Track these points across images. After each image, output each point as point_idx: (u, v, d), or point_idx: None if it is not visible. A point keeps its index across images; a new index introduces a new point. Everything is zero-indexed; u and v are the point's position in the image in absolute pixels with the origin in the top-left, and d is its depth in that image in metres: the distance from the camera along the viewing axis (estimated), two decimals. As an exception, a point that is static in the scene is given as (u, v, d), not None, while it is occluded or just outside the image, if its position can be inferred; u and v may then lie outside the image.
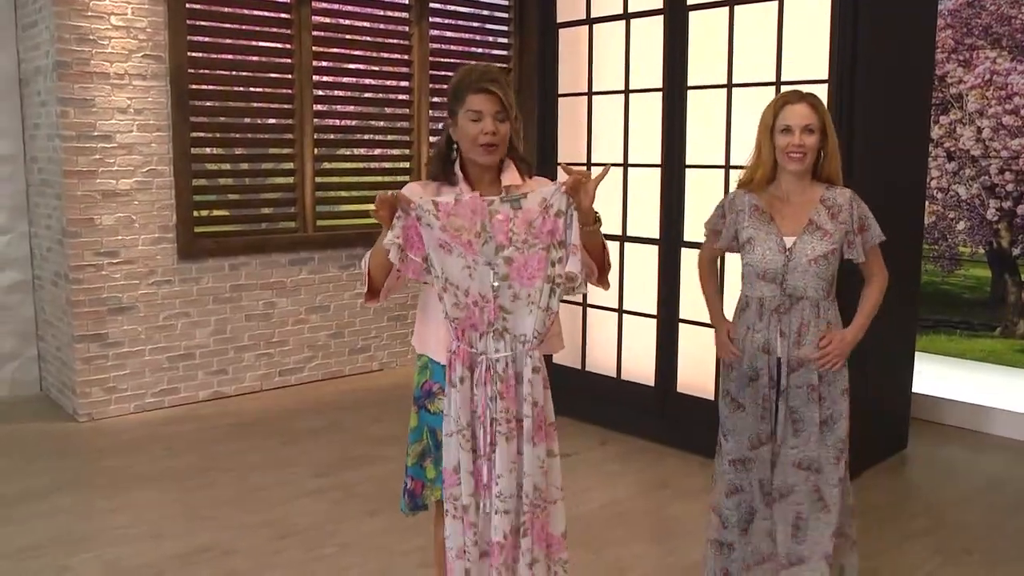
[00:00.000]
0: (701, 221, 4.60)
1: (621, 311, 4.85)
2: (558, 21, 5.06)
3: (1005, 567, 3.37)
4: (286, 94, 5.63)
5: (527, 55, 6.58)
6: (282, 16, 5.55)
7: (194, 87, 5.22)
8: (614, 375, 4.91)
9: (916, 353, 4.77)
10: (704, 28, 4.40)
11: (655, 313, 4.69)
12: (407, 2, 6.11)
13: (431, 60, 6.23)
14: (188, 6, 5.13)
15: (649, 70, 4.64)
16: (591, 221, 2.21)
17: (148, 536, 3.58)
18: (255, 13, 5.44)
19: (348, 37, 5.89)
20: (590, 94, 4.96)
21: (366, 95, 6.05)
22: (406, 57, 6.15)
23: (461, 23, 6.46)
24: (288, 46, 5.61)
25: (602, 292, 2.49)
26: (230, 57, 5.38)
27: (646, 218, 4.71)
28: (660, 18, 4.54)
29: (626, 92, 4.77)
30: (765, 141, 2.67)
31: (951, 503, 3.99)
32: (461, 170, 2.34)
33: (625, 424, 4.81)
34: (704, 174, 4.45)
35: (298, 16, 5.58)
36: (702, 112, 4.44)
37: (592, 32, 4.91)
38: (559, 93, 5.09)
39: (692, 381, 4.57)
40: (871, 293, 2.76)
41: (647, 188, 4.69)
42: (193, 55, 5.19)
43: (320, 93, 5.78)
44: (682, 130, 4.51)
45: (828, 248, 2.63)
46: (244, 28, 5.41)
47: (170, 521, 3.72)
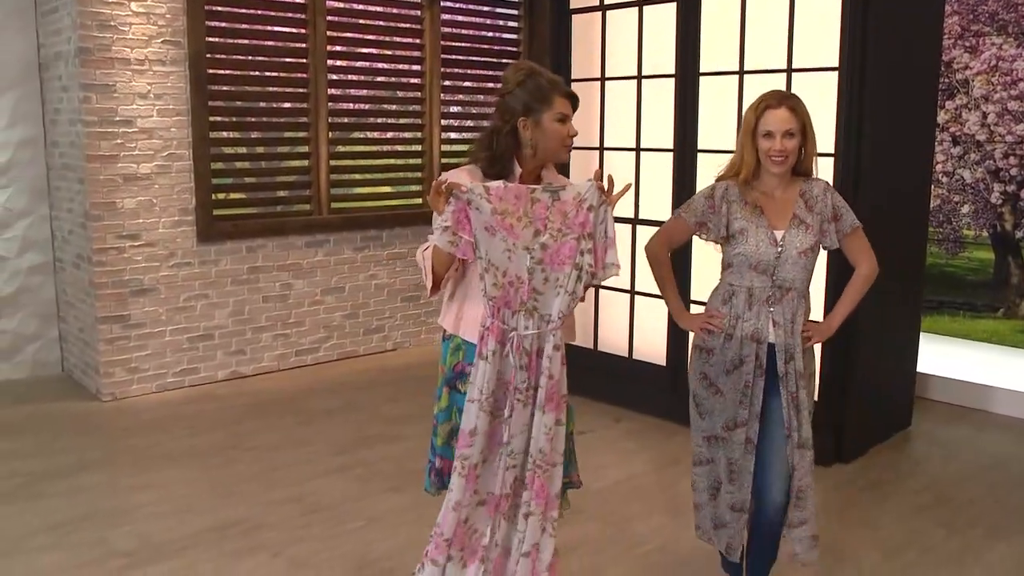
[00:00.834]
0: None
1: (633, 292, 4.96)
2: (572, 7, 5.13)
3: (1008, 539, 3.50)
4: (301, 79, 5.71)
5: (537, 40, 6.65)
6: (297, 2, 5.62)
7: (212, 72, 5.30)
8: (626, 355, 5.02)
9: (920, 333, 4.88)
10: (716, 15, 4.48)
11: (666, 295, 4.80)
12: (419, -13, 6.19)
13: (443, 44, 6.30)
14: (206, -8, 5.21)
15: (662, 57, 4.73)
16: None
17: (179, 511, 3.70)
18: (271, -1, 5.52)
19: (361, 22, 5.96)
20: (603, 80, 5.04)
21: (379, 79, 6.13)
22: (418, 41, 6.23)
23: (472, 7, 6.52)
24: (303, 31, 5.68)
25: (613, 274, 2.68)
26: (246, 42, 5.46)
27: (658, 201, 4.81)
28: (673, 5, 4.62)
29: (639, 78, 4.85)
30: (747, 143, 2.74)
31: (955, 479, 4.11)
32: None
33: (638, 402, 4.93)
34: (716, 159, 4.53)
35: (312, 2, 5.65)
36: (714, 98, 4.54)
37: (605, 18, 4.98)
38: (572, 79, 5.17)
39: (703, 361, 4.68)
40: (855, 281, 2.86)
41: (659, 172, 4.79)
42: (211, 40, 5.27)
43: (334, 77, 5.86)
44: (694, 115, 4.60)
45: (813, 241, 2.75)
46: (260, 14, 5.48)
47: (198, 497, 3.85)
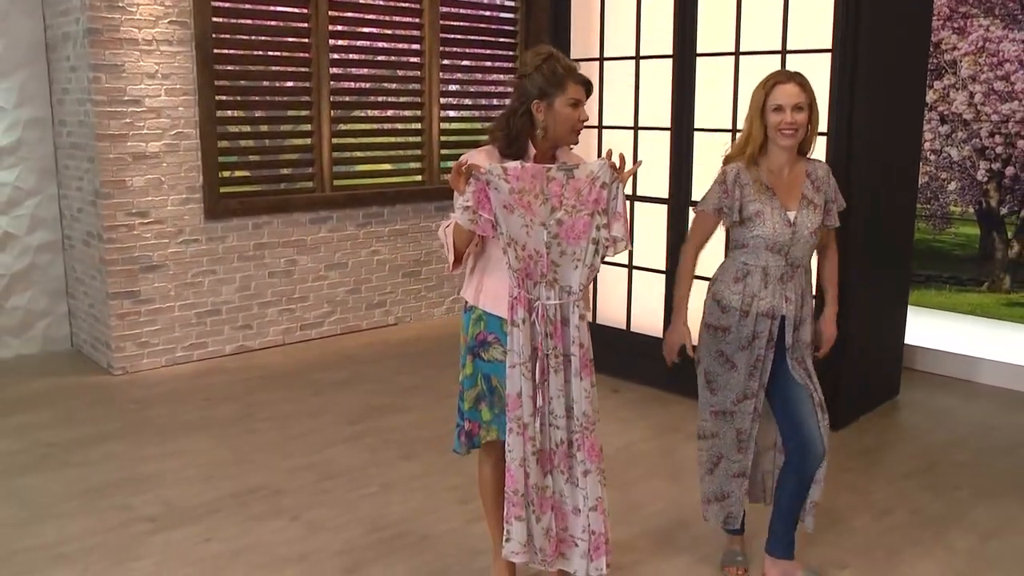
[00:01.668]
0: (708, 182, 4.87)
1: (631, 267, 5.12)
2: (571, -12, 5.25)
3: (990, 500, 3.69)
4: (303, 58, 5.81)
5: (533, 21, 6.75)
6: (300, -19, 5.71)
7: (218, 52, 5.39)
8: (624, 327, 5.19)
9: (908, 306, 5.06)
10: (714, -2, 4.61)
11: (664, 269, 4.96)
12: (419, -34, 6.27)
13: (441, 24, 6.39)
14: (211, -27, 5.29)
15: (659, 37, 4.86)
16: None
17: (200, 479, 3.86)
18: (274, -21, 5.60)
19: (362, 2, 6.05)
20: (601, 60, 5.17)
21: (379, 58, 6.23)
22: (417, 21, 6.32)
23: (470, -13, 6.62)
24: (305, 11, 5.77)
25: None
26: (250, 23, 5.55)
27: (656, 179, 4.95)
28: (671, -13, 4.74)
29: (637, 58, 4.98)
30: (756, 120, 2.85)
31: (941, 446, 4.30)
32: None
33: (635, 374, 5.09)
34: (712, 137, 4.69)
35: (315, -19, 5.74)
36: (711, 78, 4.67)
37: None
38: (571, 59, 5.28)
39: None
40: (833, 271, 3.09)
41: (657, 150, 4.93)
42: (217, 21, 5.36)
43: (336, 57, 5.96)
44: (691, 95, 4.74)
45: (819, 220, 2.90)
46: (264, -6, 5.57)
47: (218, 465, 4.00)
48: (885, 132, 4.42)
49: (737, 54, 4.54)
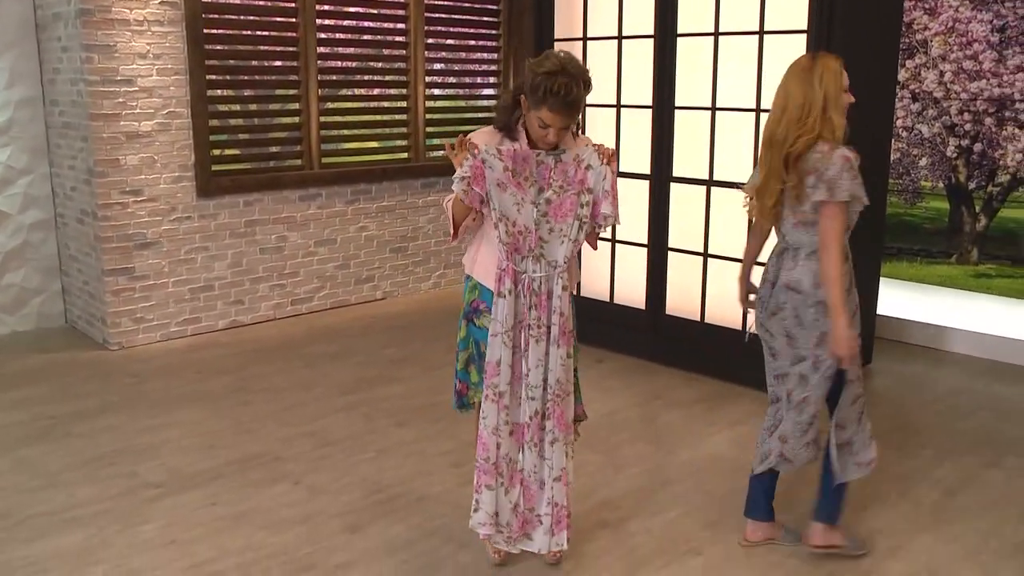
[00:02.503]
0: (689, 158, 5.04)
1: (614, 241, 5.28)
2: (554, -31, 5.37)
3: (954, 459, 3.91)
4: (291, 38, 5.90)
5: (517, 1, 6.86)
6: (287, -38, 5.79)
7: (208, 32, 5.48)
8: (607, 299, 5.36)
9: (880, 278, 5.26)
10: (693, -21, 4.75)
11: (646, 242, 5.13)
12: (403, -54, 6.36)
13: (426, 4, 6.49)
14: (200, -47, 5.37)
15: (641, 18, 4.99)
16: None
17: (202, 447, 4.00)
18: (262, -41, 5.68)
19: (348, -19, 6.14)
20: (584, 39, 5.30)
21: (365, 38, 6.33)
22: (403, 0, 6.42)
23: (454, -34, 6.71)
24: (292, -9, 5.86)
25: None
26: (239, 3, 5.63)
27: (637, 155, 5.11)
28: (652, -31, 4.88)
29: (619, 38, 5.12)
30: (840, 106, 2.87)
31: (910, 410, 4.51)
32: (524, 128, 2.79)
33: (618, 344, 5.27)
34: (692, 115, 4.85)
35: (302, -38, 5.82)
36: (691, 57, 4.82)
37: (587, -20, 5.24)
38: (555, 38, 5.42)
39: (680, 304, 5.04)
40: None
41: (638, 128, 5.09)
42: (206, 1, 5.44)
43: (323, 36, 6.05)
44: (672, 74, 4.89)
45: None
46: (252, -26, 5.65)
47: (218, 434, 4.15)
48: (859, 109, 4.55)
49: (716, 34, 4.68)
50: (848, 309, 2.84)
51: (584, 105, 2.75)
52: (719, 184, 4.78)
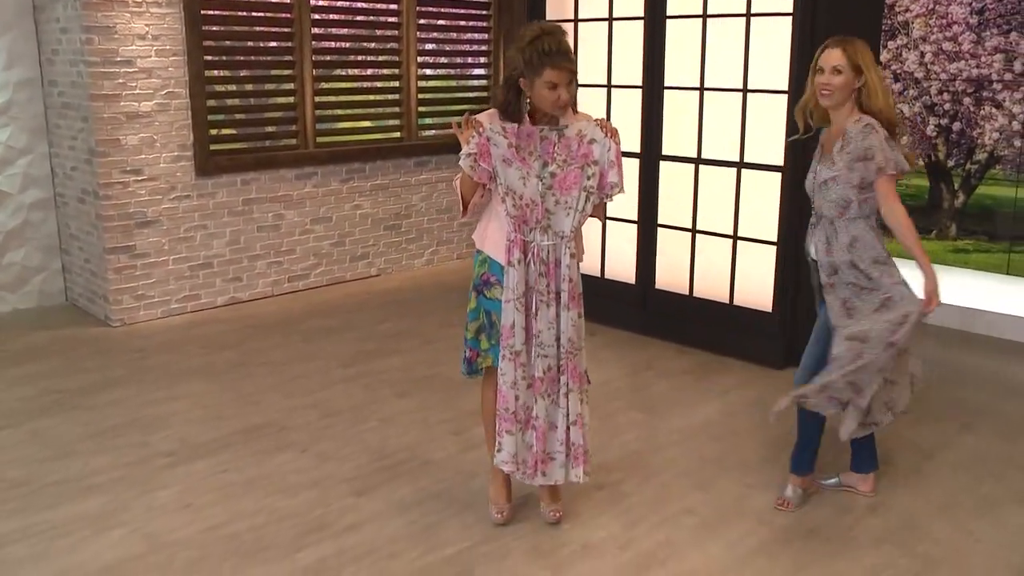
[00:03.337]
0: (677, 137, 5.18)
1: (605, 218, 5.42)
2: (546, -49, 5.48)
3: (930, 425, 4.10)
4: (286, 18, 5.98)
5: (508, -21, 6.97)
6: (281, -57, 5.87)
7: (205, 13, 5.56)
8: (599, 275, 5.51)
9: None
10: (682, -38, 4.87)
11: (635, 219, 5.28)
12: (395, -72, 6.44)
13: (418, -16, 6.60)
14: (196, -65, 5.44)
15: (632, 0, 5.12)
16: None
17: (210, 418, 4.14)
18: (257, -59, 5.76)
19: (342, -38, 6.22)
20: (576, 21, 5.42)
21: (358, 18, 6.42)
22: (395, -19, 6.52)
23: (445, -53, 6.80)
24: (287, -28, 5.94)
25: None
26: (235, -16, 5.72)
27: (627, 134, 5.19)
28: (642, -48, 5.00)
29: (610, 20, 5.25)
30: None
31: (889, 378, 4.69)
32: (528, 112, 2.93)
33: (610, 318, 5.43)
34: (681, 95, 4.99)
35: (296, -57, 5.90)
36: (680, 39, 4.96)
37: (578, -37, 5.35)
38: (546, 19, 5.53)
39: (669, 279, 5.20)
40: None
41: (628, 106, 5.22)
42: (203, -18, 5.52)
43: (317, 17, 6.14)
44: (661, 55, 5.03)
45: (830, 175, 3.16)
46: (247, -45, 5.73)
47: (225, 406, 4.28)
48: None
49: (704, 16, 4.82)
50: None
51: (576, 65, 2.89)
52: (707, 162, 4.93)
